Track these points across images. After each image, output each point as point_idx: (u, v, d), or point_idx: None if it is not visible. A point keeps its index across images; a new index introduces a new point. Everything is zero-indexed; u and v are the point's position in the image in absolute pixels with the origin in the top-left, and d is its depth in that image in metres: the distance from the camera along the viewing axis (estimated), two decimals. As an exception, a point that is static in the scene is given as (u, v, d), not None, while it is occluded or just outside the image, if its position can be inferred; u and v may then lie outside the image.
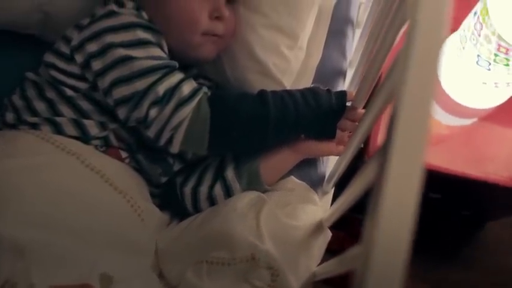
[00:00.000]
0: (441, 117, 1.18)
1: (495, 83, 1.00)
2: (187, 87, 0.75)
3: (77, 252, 0.68)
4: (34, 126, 0.77)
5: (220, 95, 0.79)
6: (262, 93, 0.79)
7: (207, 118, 0.74)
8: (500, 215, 1.42)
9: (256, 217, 0.76)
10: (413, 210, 0.40)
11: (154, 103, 0.73)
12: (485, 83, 1.01)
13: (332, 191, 0.99)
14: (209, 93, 0.77)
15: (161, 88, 0.73)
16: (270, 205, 0.79)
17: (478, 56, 0.96)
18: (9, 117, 0.78)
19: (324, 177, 0.91)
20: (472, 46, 0.96)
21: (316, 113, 0.80)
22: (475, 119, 1.17)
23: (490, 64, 0.95)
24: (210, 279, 0.73)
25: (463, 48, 1.00)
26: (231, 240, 0.73)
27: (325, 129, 0.83)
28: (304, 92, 0.81)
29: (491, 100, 1.09)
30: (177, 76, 0.76)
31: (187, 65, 0.87)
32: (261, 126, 0.77)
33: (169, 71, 0.75)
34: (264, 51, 0.85)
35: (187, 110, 0.74)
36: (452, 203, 1.34)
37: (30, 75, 0.81)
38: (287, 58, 0.86)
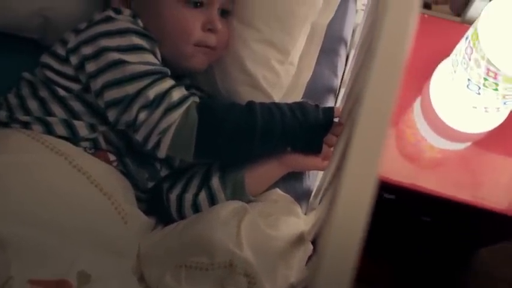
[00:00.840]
0: (434, 140, 1.19)
1: (485, 108, 1.01)
2: (177, 94, 0.77)
3: (57, 250, 0.69)
4: (25, 125, 0.79)
5: (208, 104, 0.81)
6: (250, 103, 0.80)
7: (195, 125, 0.76)
8: (492, 241, 1.42)
9: (237, 225, 0.77)
10: (364, 221, 0.41)
11: (143, 107, 0.75)
12: (476, 107, 1.02)
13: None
14: (198, 101, 0.79)
15: (151, 93, 0.75)
16: (252, 214, 0.80)
17: (469, 80, 0.97)
18: (2, 115, 0.81)
19: (309, 191, 0.92)
20: (463, 70, 0.98)
21: (302, 127, 0.82)
22: (468, 144, 1.18)
23: (479, 88, 0.96)
24: (188, 283, 0.74)
25: (455, 72, 1.02)
26: (210, 245, 0.74)
27: (311, 143, 0.84)
28: (292, 106, 0.82)
29: (482, 125, 1.10)
30: (168, 82, 0.78)
31: (181, 75, 0.89)
32: (247, 136, 0.79)
33: (160, 77, 0.77)
34: (255, 65, 0.87)
35: (176, 115, 0.75)
36: (444, 227, 1.34)
37: (26, 75, 0.83)
38: (277, 72, 0.88)
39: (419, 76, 1.20)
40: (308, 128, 0.82)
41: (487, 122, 1.09)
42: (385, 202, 1.20)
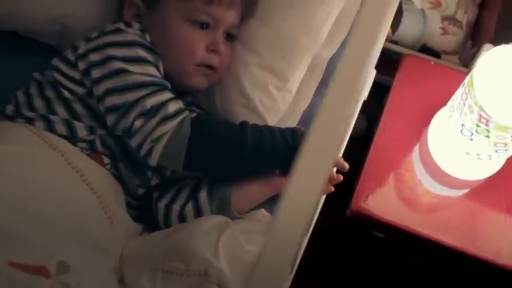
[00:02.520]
0: (430, 185, 1.21)
1: (477, 154, 1.03)
2: (173, 106, 0.81)
3: (40, 238, 0.73)
4: (29, 120, 0.84)
5: (202, 119, 0.85)
6: (243, 123, 0.84)
7: (186, 137, 0.80)
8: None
9: (217, 237, 0.80)
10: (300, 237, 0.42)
11: (140, 115, 0.80)
12: (469, 153, 1.04)
13: (309, 233, 1.02)
14: (193, 116, 0.83)
15: (149, 102, 0.80)
16: (234, 229, 0.83)
17: (462, 125, 1.00)
18: (9, 109, 0.86)
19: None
20: (458, 116, 1.00)
21: (292, 151, 0.84)
22: (464, 191, 1.20)
23: (472, 134, 0.98)
24: (162, 287, 0.77)
25: (451, 117, 1.04)
26: (188, 253, 0.77)
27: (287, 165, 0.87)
28: (283, 130, 0.86)
29: (476, 172, 1.12)
30: (166, 95, 0.82)
31: (183, 92, 0.93)
32: (236, 153, 0.82)
33: (160, 88, 0.82)
34: (253, 88, 0.91)
35: (170, 126, 0.79)
36: (434, 271, 1.34)
37: (36, 75, 0.89)
38: (274, 97, 0.92)
39: (421, 120, 1.22)
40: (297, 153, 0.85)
41: (480, 170, 1.11)
42: (375, 240, 1.21)
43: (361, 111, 1.51)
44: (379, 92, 1.33)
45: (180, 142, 0.80)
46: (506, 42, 1.00)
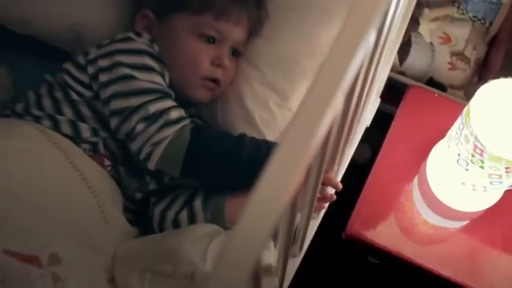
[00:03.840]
0: (428, 216, 1.22)
1: (473, 185, 1.04)
2: (175, 113, 0.85)
3: (36, 230, 0.76)
4: (37, 119, 0.88)
5: (203, 127, 0.88)
6: (241, 135, 0.87)
7: (185, 144, 0.83)
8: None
9: (207, 244, 0.82)
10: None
11: (142, 119, 0.83)
12: (464, 184, 1.06)
13: (301, 255, 1.04)
14: (194, 125, 0.86)
15: (152, 108, 0.83)
16: (224, 238, 0.85)
17: (459, 155, 1.01)
18: (19, 107, 0.90)
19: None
20: (455, 145, 1.02)
21: None
22: (461, 223, 1.20)
23: (467, 164, 1.00)
24: (150, 287, 0.79)
25: (448, 147, 1.06)
26: (177, 256, 0.79)
27: None
28: None
29: (472, 204, 1.13)
30: (169, 102, 0.86)
31: (187, 104, 0.97)
32: (232, 164, 0.85)
33: (163, 96, 0.86)
34: (254, 103, 0.95)
35: (170, 131, 0.83)
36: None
37: (47, 76, 0.93)
38: (273, 114, 0.95)
39: (422, 151, 1.24)
40: None
41: (476, 202, 1.12)
42: (369, 266, 1.22)
43: (366, 139, 1.53)
44: (385, 122, 1.35)
45: (179, 148, 0.83)
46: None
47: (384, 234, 1.18)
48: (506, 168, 0.95)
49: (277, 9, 0.98)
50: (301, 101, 0.45)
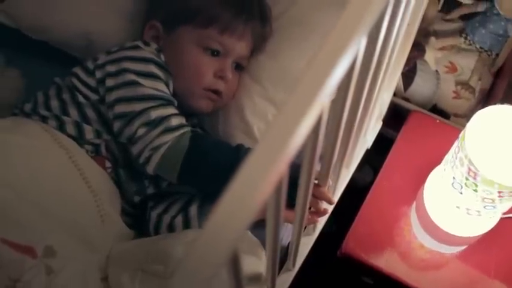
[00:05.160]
0: (424, 240, 1.22)
1: (467, 209, 1.05)
2: (176, 120, 0.88)
3: (34, 223, 0.79)
4: (43, 119, 0.91)
5: (201, 136, 0.91)
6: (239, 145, 0.90)
7: (184, 151, 0.86)
8: None
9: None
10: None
11: (144, 124, 0.86)
12: (459, 208, 1.07)
13: (295, 269, 1.05)
14: (193, 132, 0.89)
15: (154, 114, 0.87)
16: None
17: (454, 178, 1.03)
18: (27, 107, 0.94)
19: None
20: (450, 168, 1.04)
21: None
22: (456, 249, 1.21)
23: (462, 187, 1.01)
24: (141, 286, 0.81)
25: (444, 170, 1.07)
26: (168, 257, 0.82)
27: (288, 198, 0.92)
28: None
29: (466, 229, 1.13)
30: (171, 110, 0.89)
31: (190, 114, 1.00)
32: (227, 173, 0.87)
33: (166, 103, 0.89)
34: (253, 116, 0.98)
35: (170, 137, 0.86)
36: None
37: (57, 79, 0.97)
38: (272, 126, 0.98)
39: (421, 175, 1.25)
40: (290, 184, 0.90)
41: (471, 227, 1.12)
42: (363, 286, 1.23)
43: (368, 163, 1.55)
44: (389, 147, 1.37)
45: (177, 154, 0.86)
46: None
47: (379, 255, 1.19)
48: (499, 192, 0.97)
49: (281, 26, 1.02)
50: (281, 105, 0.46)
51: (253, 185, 0.43)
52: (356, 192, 1.27)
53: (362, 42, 0.56)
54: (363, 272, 1.22)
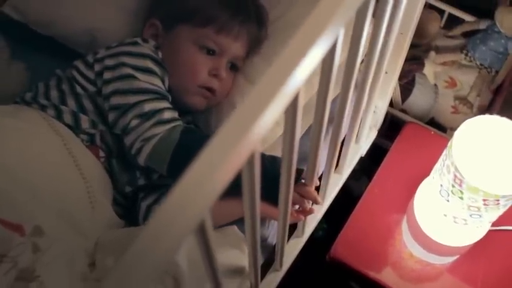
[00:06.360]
0: (414, 249, 1.23)
1: (454, 217, 1.07)
2: (168, 114, 0.91)
3: (24, 203, 0.82)
4: (43, 107, 0.95)
5: (192, 130, 0.94)
6: None
7: (174, 143, 0.89)
8: None
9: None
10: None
11: (137, 116, 0.90)
12: (446, 216, 1.08)
13: (283, 270, 1.07)
14: (185, 126, 0.92)
15: (147, 106, 0.90)
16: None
17: (441, 185, 1.04)
18: (28, 96, 0.98)
19: (264, 238, 1.00)
20: (438, 176, 1.05)
21: (268, 176, 0.91)
22: (445, 260, 1.22)
23: (448, 195, 1.03)
24: None
25: (433, 178, 1.09)
26: (165, 259, 0.84)
27: (272, 194, 0.94)
28: (264, 155, 0.93)
29: (454, 238, 1.14)
30: (164, 104, 0.92)
31: (185, 112, 1.03)
32: None
33: (160, 97, 0.92)
34: None
35: (161, 129, 0.89)
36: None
37: (58, 71, 1.01)
38: (264, 126, 1.01)
39: (412, 185, 1.27)
40: (273, 179, 0.92)
41: (458, 236, 1.13)
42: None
43: (365, 173, 1.57)
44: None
45: (167, 146, 0.89)
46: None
47: (367, 261, 1.20)
48: (484, 200, 0.98)
49: (277, 29, 1.05)
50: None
51: (224, 155, 0.46)
52: (353, 202, 1.29)
53: (340, 32, 0.58)
54: (351, 277, 1.23)
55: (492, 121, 1.03)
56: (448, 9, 1.51)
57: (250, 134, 0.47)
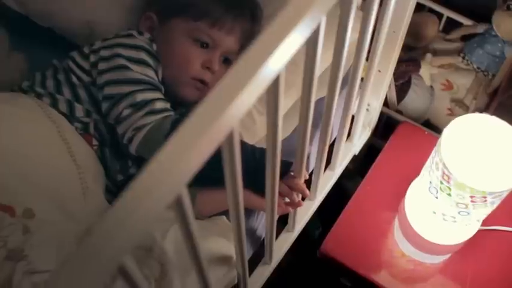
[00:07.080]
0: (405, 248, 1.24)
1: (443, 215, 1.08)
2: (160, 104, 0.93)
3: (16, 187, 0.84)
4: (39, 95, 0.97)
5: (183, 121, 0.95)
6: None
7: (164, 133, 0.90)
8: None
9: (171, 224, 0.88)
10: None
11: (129, 106, 0.92)
12: (435, 213, 1.09)
13: (272, 263, 1.08)
14: (176, 117, 0.93)
15: (140, 96, 0.92)
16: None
17: (430, 182, 1.05)
18: (25, 84, 1.00)
19: (253, 229, 1.01)
20: (427, 173, 1.07)
21: (258, 168, 0.93)
22: (435, 259, 1.23)
23: (437, 192, 1.04)
24: None
25: (423, 175, 1.10)
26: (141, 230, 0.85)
27: (261, 185, 0.95)
28: (255, 148, 0.95)
29: (443, 236, 1.15)
30: (157, 94, 0.94)
31: (179, 104, 1.05)
32: (208, 159, 0.91)
33: (152, 88, 0.94)
34: None
35: (153, 119, 0.91)
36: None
37: (55, 61, 1.04)
38: (254, 119, 1.03)
39: (405, 184, 1.28)
40: (263, 171, 0.94)
41: (447, 234, 1.14)
42: (341, 287, 1.25)
43: (359, 173, 1.58)
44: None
45: (158, 136, 0.90)
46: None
47: (357, 257, 1.21)
48: (471, 197, 0.99)
49: (270, 25, 1.06)
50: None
51: (201, 131, 0.48)
52: (347, 201, 1.30)
53: (322, 20, 0.60)
54: (341, 274, 1.24)
55: (481, 119, 1.04)
56: (447, 13, 1.52)
57: (228, 111, 0.49)
